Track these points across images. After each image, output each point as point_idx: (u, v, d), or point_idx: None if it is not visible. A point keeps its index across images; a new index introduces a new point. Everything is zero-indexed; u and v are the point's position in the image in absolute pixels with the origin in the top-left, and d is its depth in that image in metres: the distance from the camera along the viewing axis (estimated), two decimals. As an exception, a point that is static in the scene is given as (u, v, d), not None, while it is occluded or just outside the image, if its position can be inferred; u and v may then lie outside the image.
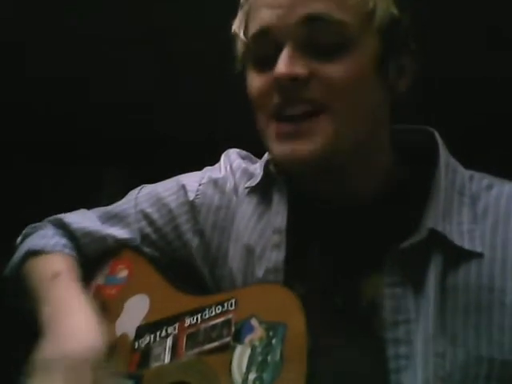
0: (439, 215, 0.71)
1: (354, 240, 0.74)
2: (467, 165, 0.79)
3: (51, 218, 0.94)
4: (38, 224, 0.94)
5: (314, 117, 0.69)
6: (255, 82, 0.72)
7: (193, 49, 2.30)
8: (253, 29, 0.72)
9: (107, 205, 0.96)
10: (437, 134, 0.78)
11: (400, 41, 0.72)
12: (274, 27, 0.69)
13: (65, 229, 0.91)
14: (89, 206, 0.99)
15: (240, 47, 0.76)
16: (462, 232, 0.71)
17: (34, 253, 0.87)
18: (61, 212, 0.97)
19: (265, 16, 0.70)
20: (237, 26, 0.76)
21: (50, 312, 0.77)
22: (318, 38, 0.68)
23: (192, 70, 2.42)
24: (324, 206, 0.77)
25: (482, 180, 0.76)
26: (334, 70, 0.68)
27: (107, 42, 2.29)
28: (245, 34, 0.74)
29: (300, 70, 0.68)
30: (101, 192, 2.96)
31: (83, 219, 0.92)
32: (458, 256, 0.70)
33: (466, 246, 0.70)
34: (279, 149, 0.71)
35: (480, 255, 0.70)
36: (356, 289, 0.72)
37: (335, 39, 0.68)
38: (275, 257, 0.76)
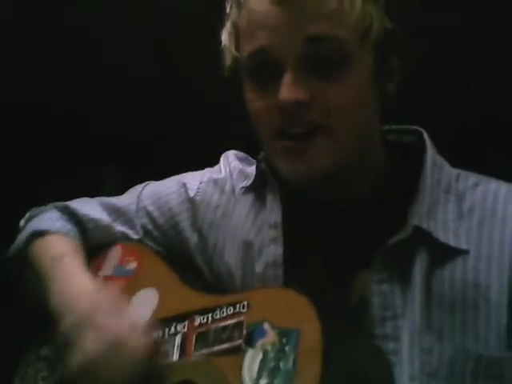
0: (424, 213, 0.72)
1: (343, 237, 0.75)
2: (460, 165, 0.79)
3: (56, 203, 0.94)
4: (42, 207, 0.94)
5: (317, 135, 0.70)
6: (256, 102, 0.73)
7: (193, 49, 2.30)
8: (249, 48, 0.71)
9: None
10: (425, 134, 0.79)
11: (391, 48, 0.74)
12: (273, 49, 0.69)
13: (70, 214, 0.92)
14: (89, 206, 0.98)
15: (230, 59, 0.76)
16: (447, 229, 0.72)
17: (39, 234, 0.88)
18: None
19: (262, 36, 0.70)
20: (226, 40, 0.76)
21: (58, 291, 0.78)
22: (318, 58, 0.69)
23: (192, 70, 2.41)
24: (315, 204, 0.78)
25: (469, 178, 0.77)
26: (335, 92, 0.69)
27: (107, 41, 2.29)
28: (236, 47, 0.74)
29: (302, 94, 0.68)
30: (101, 192, 2.96)
31: (88, 207, 0.93)
32: (443, 253, 0.71)
33: (452, 242, 0.71)
34: (284, 166, 0.73)
35: (465, 252, 0.71)
36: (346, 286, 0.73)
37: (335, 58, 0.69)
38: (273, 251, 0.77)
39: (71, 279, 0.80)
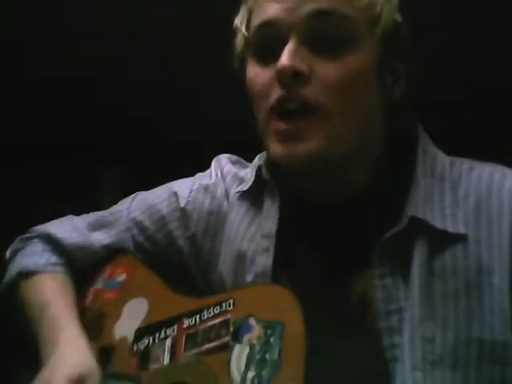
0: (419, 202, 0.72)
1: (342, 235, 0.75)
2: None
3: (40, 230, 0.93)
4: (25, 237, 0.94)
5: (312, 116, 0.69)
6: (256, 74, 0.73)
7: (193, 49, 2.30)
8: (257, 21, 0.72)
9: (107, 205, 0.96)
10: (420, 127, 0.79)
11: (399, 47, 0.73)
12: (280, 20, 0.70)
13: (54, 244, 0.91)
14: (89, 206, 0.99)
15: (240, 42, 0.77)
16: (444, 216, 0.71)
17: (25, 274, 0.87)
18: (61, 212, 0.97)
19: (271, 9, 0.70)
20: (239, 21, 0.77)
21: (44, 347, 0.79)
22: (323, 33, 0.69)
23: (192, 70, 2.42)
24: (313, 203, 0.78)
25: (463, 164, 0.77)
26: (333, 70, 0.69)
27: (107, 41, 2.29)
28: (247, 28, 0.75)
29: (302, 65, 0.68)
30: (101, 192, 2.96)
31: (71, 231, 0.92)
32: (442, 240, 0.70)
33: (450, 228, 0.70)
34: (277, 148, 0.71)
35: (465, 237, 0.70)
36: (347, 284, 0.73)
37: (341, 35, 0.69)
38: (264, 261, 0.76)
39: (57, 330, 0.80)
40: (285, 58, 0.68)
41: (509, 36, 2.20)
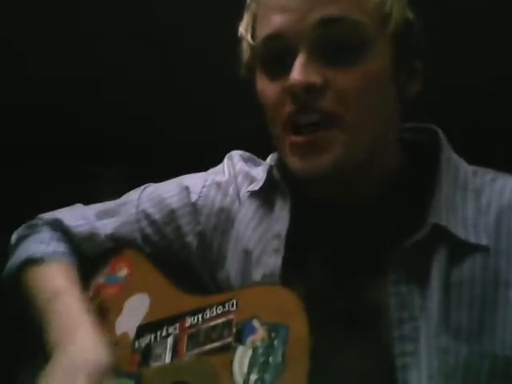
0: (442, 210, 0.70)
1: (358, 240, 0.74)
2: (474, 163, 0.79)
3: (48, 216, 0.93)
4: (33, 223, 0.93)
5: (329, 128, 0.67)
6: (267, 90, 0.71)
7: (193, 49, 2.30)
8: (264, 32, 0.70)
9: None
10: (440, 132, 0.78)
11: (413, 44, 0.72)
12: (288, 32, 0.67)
13: (62, 231, 0.90)
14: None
15: (246, 50, 0.74)
16: (467, 226, 0.70)
17: (32, 261, 0.86)
18: (60, 212, 0.97)
19: (277, 20, 0.67)
20: (244, 29, 0.74)
21: (55, 334, 0.77)
22: (333, 41, 0.66)
23: (192, 70, 2.42)
24: (328, 206, 0.76)
25: (486, 174, 0.75)
26: (350, 80, 0.67)
27: (107, 41, 2.29)
28: (252, 36, 0.73)
29: (315, 78, 0.66)
30: (101, 192, 2.96)
31: (80, 219, 0.91)
32: (463, 250, 0.69)
33: (472, 239, 0.69)
34: (295, 163, 0.70)
35: (485, 248, 0.69)
36: (361, 289, 0.72)
37: (352, 42, 0.67)
38: (273, 262, 0.76)
39: (70, 317, 0.78)
40: (296, 73, 0.65)
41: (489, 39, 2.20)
